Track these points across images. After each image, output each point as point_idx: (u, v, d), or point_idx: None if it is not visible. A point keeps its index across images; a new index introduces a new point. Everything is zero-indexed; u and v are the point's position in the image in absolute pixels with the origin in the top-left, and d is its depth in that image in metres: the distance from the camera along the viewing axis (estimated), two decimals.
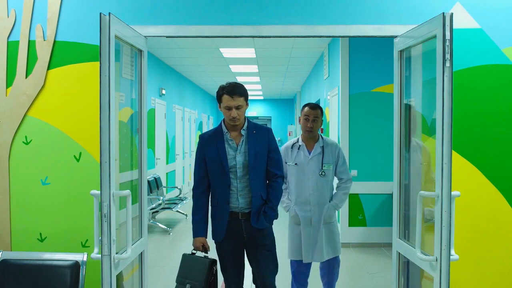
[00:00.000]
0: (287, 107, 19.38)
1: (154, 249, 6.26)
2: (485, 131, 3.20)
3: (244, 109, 3.08)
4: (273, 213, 3.13)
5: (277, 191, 3.16)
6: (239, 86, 3.04)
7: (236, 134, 3.12)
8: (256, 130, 3.14)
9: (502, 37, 3.19)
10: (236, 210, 3.09)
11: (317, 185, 3.76)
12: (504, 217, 3.22)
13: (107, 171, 2.64)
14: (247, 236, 3.10)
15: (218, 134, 3.13)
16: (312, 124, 3.76)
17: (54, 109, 3.28)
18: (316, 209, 3.76)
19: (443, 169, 2.56)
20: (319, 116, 3.80)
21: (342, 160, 3.85)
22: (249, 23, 3.24)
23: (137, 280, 3.27)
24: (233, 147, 3.09)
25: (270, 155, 3.14)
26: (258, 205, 3.09)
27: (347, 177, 3.86)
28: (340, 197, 3.85)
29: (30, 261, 3.07)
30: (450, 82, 2.56)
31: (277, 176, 3.17)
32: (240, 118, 3.05)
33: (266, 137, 3.14)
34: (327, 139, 3.88)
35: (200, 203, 3.16)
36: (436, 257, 2.60)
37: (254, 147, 3.08)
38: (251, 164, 3.06)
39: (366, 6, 3.22)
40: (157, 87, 8.99)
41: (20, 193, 3.29)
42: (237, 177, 3.07)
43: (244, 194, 3.08)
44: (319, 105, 3.85)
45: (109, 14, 2.63)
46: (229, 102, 3.00)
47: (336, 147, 3.83)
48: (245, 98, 3.06)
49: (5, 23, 3.25)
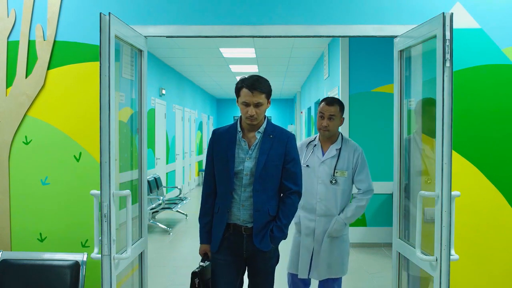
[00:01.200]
0: (287, 107, 19.38)
1: (154, 249, 6.26)
2: (485, 131, 3.20)
3: (265, 108, 2.71)
4: (280, 234, 2.73)
5: (289, 208, 2.74)
6: (262, 81, 2.70)
7: (251, 135, 2.77)
8: (274, 134, 2.76)
9: (502, 37, 3.19)
10: (238, 223, 2.73)
11: (326, 193, 3.27)
12: (504, 217, 3.21)
13: (107, 171, 2.64)
14: (247, 254, 2.75)
15: (231, 131, 2.80)
16: (327, 123, 3.26)
17: (54, 109, 3.28)
18: (321, 220, 3.29)
19: (443, 169, 2.56)
20: (338, 113, 3.28)
21: (361, 167, 3.31)
22: (249, 23, 3.24)
23: (137, 280, 3.27)
24: (244, 150, 2.74)
25: (287, 166, 2.74)
26: (262, 222, 2.71)
27: (367, 187, 3.30)
28: (353, 210, 3.27)
29: (30, 261, 3.07)
30: (450, 82, 2.56)
31: (291, 191, 2.75)
32: (259, 117, 2.70)
33: (283, 144, 2.74)
34: (348, 141, 3.37)
35: (207, 206, 2.84)
36: (436, 257, 2.60)
37: (267, 154, 2.70)
38: (258, 173, 2.68)
39: (366, 6, 3.22)
40: (157, 87, 8.99)
41: (20, 193, 3.29)
42: (242, 185, 2.72)
43: (247, 206, 2.72)
44: (339, 100, 3.33)
45: (109, 14, 2.63)
46: (247, 97, 2.66)
47: (356, 151, 3.31)
48: (267, 95, 2.70)
49: (5, 23, 3.24)
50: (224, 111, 18.85)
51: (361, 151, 3.34)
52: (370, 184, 3.31)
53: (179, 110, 11.01)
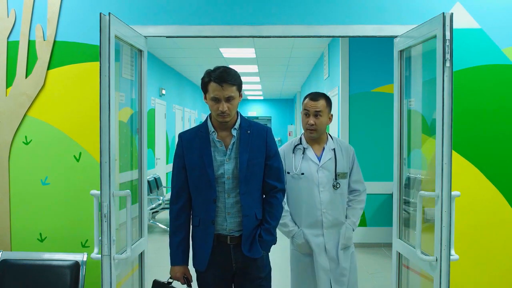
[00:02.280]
0: (287, 107, 19.39)
1: (154, 249, 6.25)
2: (485, 131, 3.20)
3: (237, 102, 2.44)
4: (270, 238, 2.48)
5: (276, 209, 2.51)
6: (230, 72, 2.41)
7: (225, 134, 2.48)
8: (251, 129, 2.49)
9: (502, 37, 3.19)
10: (223, 233, 2.45)
11: (331, 200, 2.89)
12: (504, 217, 3.21)
13: (107, 171, 2.64)
14: (236, 265, 2.47)
15: (202, 133, 2.50)
16: (314, 120, 2.87)
17: (54, 109, 3.27)
18: (331, 232, 2.89)
19: (443, 169, 2.56)
20: (324, 109, 2.88)
21: (357, 167, 3.03)
22: (249, 23, 3.24)
23: (137, 280, 3.27)
24: (221, 151, 2.46)
25: (269, 162, 2.49)
26: (251, 227, 2.44)
27: (363, 187, 3.04)
28: (358, 213, 2.99)
29: (30, 261, 3.07)
30: (450, 82, 2.56)
31: (276, 189, 2.52)
32: (231, 113, 2.41)
33: (263, 138, 2.49)
34: (339, 140, 3.06)
35: (178, 222, 2.49)
36: (436, 257, 2.60)
37: (248, 152, 2.43)
38: (243, 174, 2.41)
39: (366, 6, 3.22)
40: (157, 87, 8.99)
41: (20, 193, 3.29)
42: (225, 190, 2.43)
43: (234, 213, 2.44)
44: (324, 94, 2.94)
45: (109, 14, 2.63)
46: (217, 92, 2.38)
47: (350, 150, 3.02)
48: (237, 87, 2.42)
49: (5, 23, 3.24)
50: None
51: (353, 150, 3.06)
52: (364, 185, 3.07)
53: (179, 110, 11.01)
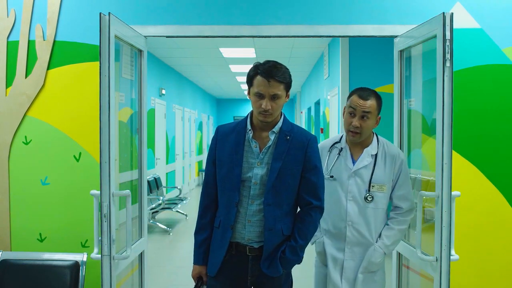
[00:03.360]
0: (287, 107, 19.37)
1: (154, 249, 6.26)
2: (485, 131, 3.19)
3: (282, 102, 2.21)
4: (295, 257, 2.24)
5: (307, 227, 2.25)
6: (281, 68, 2.20)
7: (263, 135, 2.26)
8: (292, 135, 2.24)
9: (502, 37, 3.18)
10: (242, 242, 2.24)
11: (359, 214, 2.49)
12: (504, 217, 3.21)
13: (107, 171, 2.64)
14: (252, 280, 2.26)
15: (239, 130, 2.29)
16: (359, 122, 2.46)
17: (54, 109, 3.27)
18: (353, 251, 2.50)
19: (443, 169, 2.56)
20: (374, 110, 2.47)
21: (404, 180, 2.52)
22: (249, 23, 3.24)
23: (137, 280, 3.27)
24: (255, 153, 2.24)
25: (306, 174, 2.24)
26: (274, 243, 2.22)
27: (409, 205, 2.52)
28: (395, 235, 2.49)
29: (30, 261, 3.07)
30: (450, 82, 2.56)
31: (311, 206, 2.26)
32: (274, 113, 2.19)
33: (303, 148, 2.24)
34: (387, 144, 2.58)
35: (205, 220, 2.34)
36: (436, 257, 2.60)
37: (282, 160, 2.21)
38: (271, 183, 2.19)
39: (366, 6, 3.22)
40: (157, 87, 8.99)
41: (20, 193, 3.29)
42: (250, 196, 2.23)
43: (255, 222, 2.23)
44: (376, 93, 2.51)
45: (109, 14, 2.63)
46: (262, 87, 2.15)
47: (397, 158, 2.52)
48: (286, 86, 2.20)
49: (5, 23, 3.24)
50: (224, 111, 18.85)
51: (404, 158, 2.56)
52: (413, 202, 2.54)
53: (179, 110, 11.01)
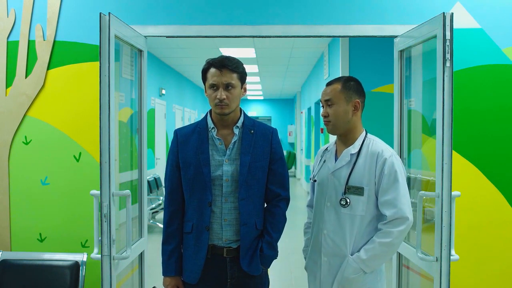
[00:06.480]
0: (287, 107, 19.39)
1: (154, 249, 6.24)
2: (485, 131, 3.19)
3: (238, 93, 2.17)
4: (272, 253, 2.23)
5: (278, 219, 2.25)
6: (233, 60, 2.19)
7: (226, 132, 2.24)
8: (255, 129, 2.25)
9: (503, 37, 3.18)
10: (219, 244, 2.19)
11: (335, 221, 2.21)
12: (504, 217, 3.21)
13: (107, 171, 2.64)
14: (231, 281, 2.20)
15: (200, 130, 2.26)
16: (326, 112, 2.25)
17: (54, 109, 3.27)
18: (331, 263, 2.21)
19: (443, 169, 2.56)
20: (338, 94, 2.21)
21: (388, 182, 2.12)
22: (249, 23, 3.24)
23: (137, 280, 3.27)
24: (221, 150, 2.22)
25: (273, 166, 2.25)
26: (250, 238, 2.19)
27: (394, 213, 2.08)
28: (374, 249, 2.10)
29: (30, 261, 3.07)
30: (450, 82, 2.56)
31: (279, 197, 2.26)
32: (230, 103, 2.15)
33: (268, 140, 2.25)
34: (374, 142, 2.26)
35: (171, 229, 2.26)
36: (436, 257, 2.60)
37: (250, 153, 2.19)
38: (243, 178, 2.17)
39: (366, 6, 3.22)
40: (157, 87, 8.99)
41: (20, 193, 3.29)
42: (223, 194, 2.19)
43: (231, 220, 2.19)
44: (346, 77, 2.30)
45: (109, 14, 2.63)
46: (215, 77, 2.14)
47: (379, 156, 2.17)
48: (239, 76, 2.18)
49: (4, 23, 3.24)
50: None
51: (388, 157, 2.16)
52: (401, 209, 2.08)
53: (179, 110, 11.01)
